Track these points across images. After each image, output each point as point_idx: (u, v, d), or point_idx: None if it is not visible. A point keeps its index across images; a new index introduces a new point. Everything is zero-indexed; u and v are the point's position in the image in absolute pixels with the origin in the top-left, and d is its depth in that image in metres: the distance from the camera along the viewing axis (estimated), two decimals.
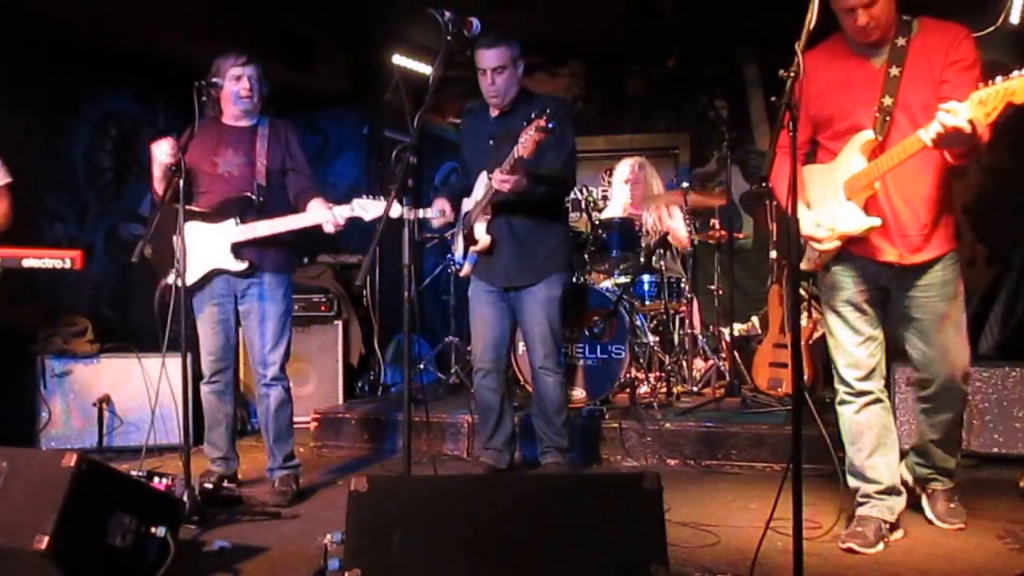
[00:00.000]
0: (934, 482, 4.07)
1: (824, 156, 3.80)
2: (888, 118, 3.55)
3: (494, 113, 5.01)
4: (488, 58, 4.80)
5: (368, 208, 4.56)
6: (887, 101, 3.55)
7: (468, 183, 5.15)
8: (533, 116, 4.31)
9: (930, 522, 4.05)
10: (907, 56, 3.54)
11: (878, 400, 3.87)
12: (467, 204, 5.12)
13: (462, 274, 5.26)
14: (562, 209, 5.33)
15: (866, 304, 3.80)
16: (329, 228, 4.67)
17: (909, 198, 3.61)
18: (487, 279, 5.06)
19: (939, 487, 4.07)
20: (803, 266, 3.86)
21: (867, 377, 3.84)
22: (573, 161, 5.04)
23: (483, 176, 4.92)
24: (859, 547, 3.70)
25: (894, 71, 3.55)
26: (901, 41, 3.56)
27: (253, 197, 4.75)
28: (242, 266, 4.71)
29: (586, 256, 6.38)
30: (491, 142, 4.95)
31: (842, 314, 3.83)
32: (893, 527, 3.88)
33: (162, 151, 4.50)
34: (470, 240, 5.05)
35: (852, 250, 3.72)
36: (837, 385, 3.95)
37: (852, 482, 3.96)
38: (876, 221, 3.57)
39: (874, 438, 3.86)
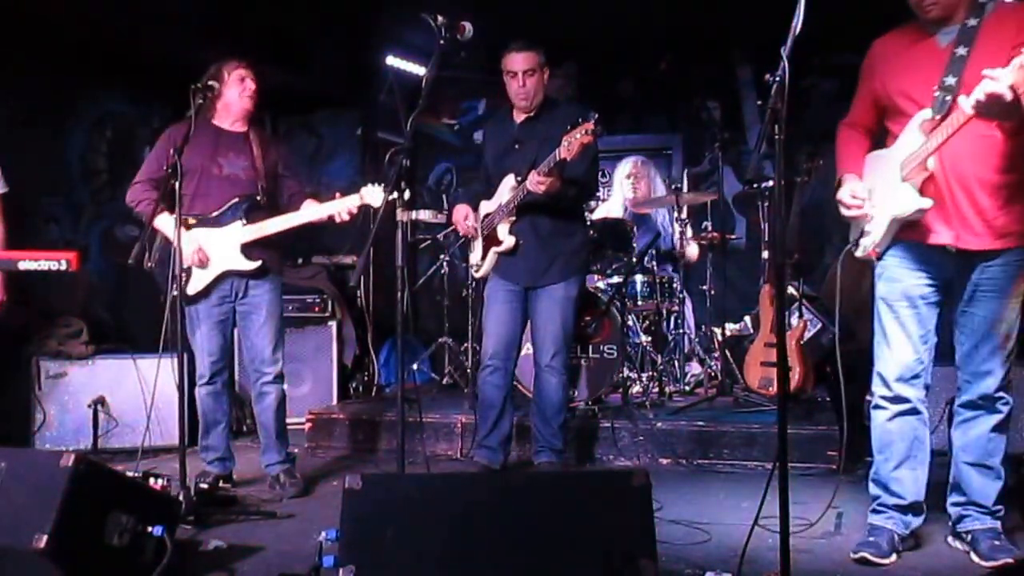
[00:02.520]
0: (971, 520, 3.70)
1: (890, 142, 3.65)
2: (949, 97, 3.37)
3: (519, 118, 5.08)
4: (518, 61, 4.89)
5: (376, 195, 4.59)
6: (949, 80, 3.38)
7: (489, 187, 5.19)
8: (580, 120, 4.38)
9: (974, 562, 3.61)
10: (977, 37, 3.38)
11: (915, 410, 3.69)
12: (488, 206, 5.16)
13: (478, 275, 5.29)
14: (582, 212, 5.40)
15: (922, 300, 3.62)
16: (344, 217, 4.73)
17: (967, 182, 3.45)
18: (509, 277, 5.09)
19: (978, 527, 3.67)
20: (857, 254, 3.71)
21: (907, 382, 3.67)
22: (596, 167, 5.17)
23: (508, 179, 4.97)
24: (872, 557, 3.59)
25: (961, 51, 3.40)
26: (972, 22, 3.41)
27: (259, 197, 4.82)
28: (255, 265, 4.78)
29: None
30: (516, 146, 5.01)
31: (894, 308, 3.66)
32: (904, 539, 3.75)
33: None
34: (492, 241, 5.10)
35: (907, 237, 3.59)
36: (874, 387, 3.77)
37: (873, 489, 3.81)
38: (928, 202, 3.43)
39: (904, 449, 3.70)
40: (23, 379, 5.97)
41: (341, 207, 4.71)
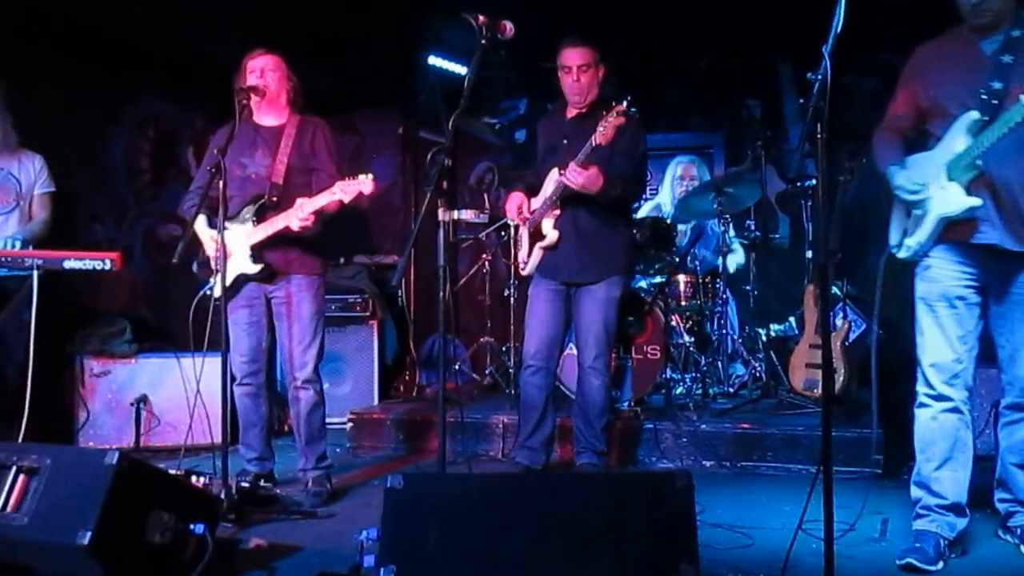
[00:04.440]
0: (1020, 516, 3.76)
1: (932, 144, 3.67)
2: (996, 101, 3.42)
3: (570, 114, 5.08)
4: (574, 56, 4.90)
5: (347, 189, 4.47)
6: (996, 85, 3.42)
7: (538, 182, 5.16)
8: (612, 103, 4.44)
9: None
10: (1022, 47, 3.47)
11: (957, 410, 3.67)
12: (535, 202, 5.15)
13: (525, 272, 5.26)
14: (628, 213, 5.38)
15: (961, 302, 3.62)
16: (308, 219, 4.54)
17: (1011, 185, 3.49)
18: (550, 275, 5.08)
19: None
20: (901, 255, 3.72)
21: (950, 382, 3.65)
22: (643, 169, 5.15)
23: (553, 173, 4.95)
24: (919, 563, 3.53)
25: (1006, 58, 3.46)
26: (1016, 32, 3.49)
27: (265, 197, 4.72)
28: (256, 268, 4.70)
29: None
30: (564, 141, 4.99)
31: (935, 309, 3.66)
32: (952, 545, 3.69)
33: None
34: (537, 236, 5.09)
35: (952, 237, 3.59)
36: (918, 387, 3.76)
37: (914, 492, 3.79)
38: (977, 201, 3.45)
39: (946, 449, 3.68)
40: (67, 377, 6.03)
41: (302, 214, 4.54)
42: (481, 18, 3.83)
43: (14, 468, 3.24)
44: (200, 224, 4.74)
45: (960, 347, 3.65)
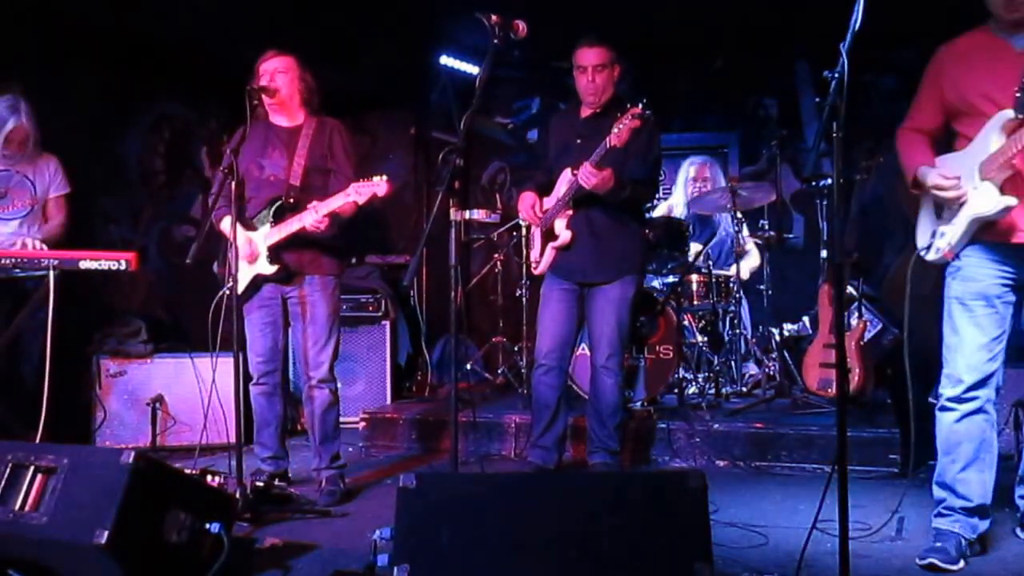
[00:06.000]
0: None
1: (961, 143, 3.63)
2: None
3: (584, 113, 5.08)
4: (590, 56, 4.89)
5: (362, 191, 4.47)
6: None
7: (549, 180, 5.16)
8: (628, 106, 4.43)
9: None
10: None
11: (983, 410, 3.63)
12: (548, 201, 5.14)
13: (538, 271, 5.25)
14: (641, 213, 5.37)
15: (999, 300, 3.58)
16: (322, 221, 4.58)
17: None
18: (563, 275, 5.07)
19: None
20: (929, 257, 3.68)
21: (979, 384, 3.61)
22: (657, 170, 5.14)
23: (566, 173, 4.94)
24: (941, 563, 3.50)
25: None
26: None
27: (283, 198, 4.73)
28: (273, 269, 4.71)
29: None
30: (578, 141, 4.99)
31: (972, 309, 3.60)
32: (971, 543, 3.68)
33: None
34: (550, 236, 5.09)
35: (987, 237, 3.54)
36: (942, 389, 3.72)
37: (938, 492, 3.75)
38: (1012, 200, 3.40)
39: (971, 451, 3.64)
40: (84, 378, 6.06)
41: (314, 218, 4.57)
42: (494, 18, 3.83)
43: (32, 468, 3.26)
44: (229, 225, 4.74)
45: (996, 347, 3.62)
